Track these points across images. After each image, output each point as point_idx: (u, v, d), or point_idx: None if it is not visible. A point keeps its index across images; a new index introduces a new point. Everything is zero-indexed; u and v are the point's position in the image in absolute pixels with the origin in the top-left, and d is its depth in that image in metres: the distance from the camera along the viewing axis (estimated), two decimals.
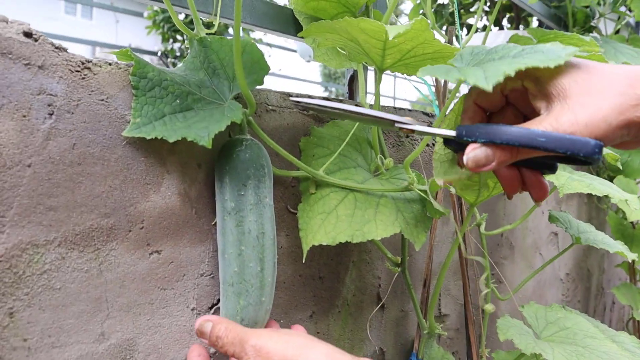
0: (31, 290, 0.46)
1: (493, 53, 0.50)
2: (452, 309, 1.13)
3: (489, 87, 0.41)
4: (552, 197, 1.56)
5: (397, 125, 0.52)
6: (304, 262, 0.65)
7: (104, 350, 0.51)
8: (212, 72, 0.59)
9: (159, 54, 5.35)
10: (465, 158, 0.46)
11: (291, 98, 0.59)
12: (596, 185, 0.85)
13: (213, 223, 0.60)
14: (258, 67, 0.60)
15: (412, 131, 0.52)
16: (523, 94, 0.50)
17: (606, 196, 0.83)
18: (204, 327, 0.52)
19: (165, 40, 5.75)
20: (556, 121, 0.43)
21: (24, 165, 0.45)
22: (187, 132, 0.50)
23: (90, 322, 0.50)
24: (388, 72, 0.70)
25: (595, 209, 1.91)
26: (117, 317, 0.52)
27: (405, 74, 0.71)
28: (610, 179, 1.63)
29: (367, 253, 0.84)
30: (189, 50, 0.62)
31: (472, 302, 0.98)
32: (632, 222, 1.61)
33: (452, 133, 0.49)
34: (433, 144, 0.98)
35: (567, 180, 0.84)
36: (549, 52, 0.45)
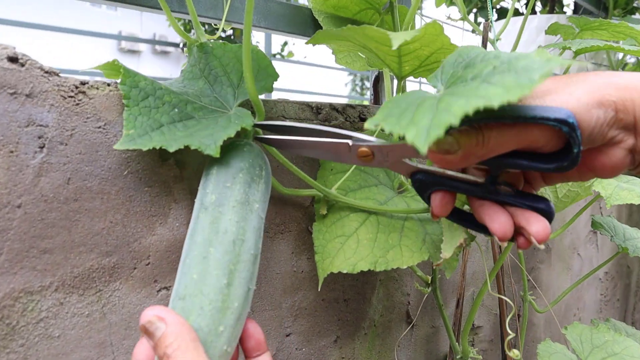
0: (27, 341, 0.42)
1: (471, 67, 0.39)
2: (485, 320, 1.06)
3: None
4: None
5: (352, 145, 0.44)
6: (319, 289, 0.60)
7: None
8: (213, 79, 0.53)
9: (181, 45, 5.31)
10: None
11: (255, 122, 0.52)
12: None
13: None
14: (266, 74, 0.55)
15: (371, 155, 0.44)
16: None
17: None
18: (153, 329, 0.36)
19: (187, 31, 5.72)
20: None
21: (14, 206, 0.41)
22: (190, 140, 0.44)
23: None
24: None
25: None
26: None
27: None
28: None
29: (394, 269, 0.79)
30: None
31: (508, 307, 0.91)
32: None
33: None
34: None
35: (614, 189, 0.76)
36: (522, 72, 0.33)
